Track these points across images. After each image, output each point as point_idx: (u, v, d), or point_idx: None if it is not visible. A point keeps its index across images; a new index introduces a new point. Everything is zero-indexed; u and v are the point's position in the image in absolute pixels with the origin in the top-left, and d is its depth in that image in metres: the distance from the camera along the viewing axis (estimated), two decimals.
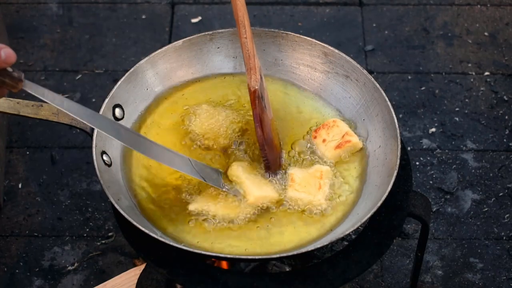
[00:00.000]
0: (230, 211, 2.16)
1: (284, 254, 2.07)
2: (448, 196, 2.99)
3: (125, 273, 2.25)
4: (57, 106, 1.96)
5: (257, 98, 2.17)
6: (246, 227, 2.15)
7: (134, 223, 2.05)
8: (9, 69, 1.87)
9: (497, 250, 2.85)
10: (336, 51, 2.37)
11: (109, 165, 2.22)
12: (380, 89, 2.28)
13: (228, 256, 2.08)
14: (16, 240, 2.87)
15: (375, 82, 2.30)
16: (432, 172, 3.05)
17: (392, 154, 2.19)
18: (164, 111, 2.37)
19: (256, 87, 2.16)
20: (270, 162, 2.24)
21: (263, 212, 2.17)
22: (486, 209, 2.96)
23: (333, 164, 2.25)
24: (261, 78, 2.21)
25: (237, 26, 2.23)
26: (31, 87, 1.92)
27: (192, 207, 2.17)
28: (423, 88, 3.30)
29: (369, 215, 2.08)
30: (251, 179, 2.21)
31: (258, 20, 3.52)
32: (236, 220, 2.16)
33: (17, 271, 2.80)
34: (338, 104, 2.37)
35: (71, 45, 3.44)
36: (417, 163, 3.07)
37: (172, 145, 2.29)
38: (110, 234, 2.88)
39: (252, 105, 2.18)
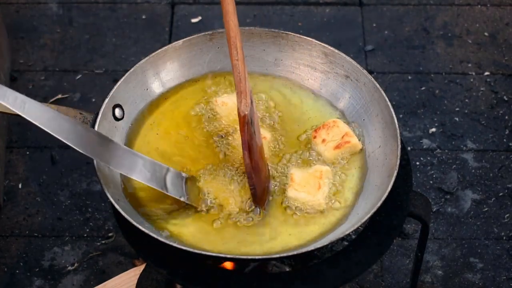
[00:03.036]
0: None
1: (284, 254, 2.07)
2: (448, 196, 2.99)
3: (125, 273, 2.26)
4: (16, 111, 1.90)
5: (246, 123, 2.04)
6: (246, 228, 2.14)
7: (134, 223, 2.05)
8: None
9: (497, 250, 2.85)
10: (336, 51, 2.37)
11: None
12: (380, 89, 2.28)
13: (228, 256, 2.07)
14: (16, 240, 2.87)
15: (375, 82, 2.30)
16: (432, 172, 3.04)
17: (392, 154, 2.19)
18: (164, 111, 2.36)
19: (246, 112, 2.03)
20: (258, 192, 2.14)
21: (263, 212, 2.17)
22: (486, 209, 2.96)
23: (332, 164, 2.25)
24: (251, 102, 2.08)
25: (228, 47, 2.09)
26: None
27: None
28: (423, 88, 3.30)
29: (369, 215, 2.07)
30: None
31: (258, 20, 3.52)
32: (236, 221, 2.16)
33: (17, 271, 2.80)
34: (338, 104, 2.37)
35: (71, 45, 3.44)
36: (417, 163, 3.06)
37: (172, 146, 2.29)
38: (110, 234, 2.88)
39: (241, 131, 2.05)
